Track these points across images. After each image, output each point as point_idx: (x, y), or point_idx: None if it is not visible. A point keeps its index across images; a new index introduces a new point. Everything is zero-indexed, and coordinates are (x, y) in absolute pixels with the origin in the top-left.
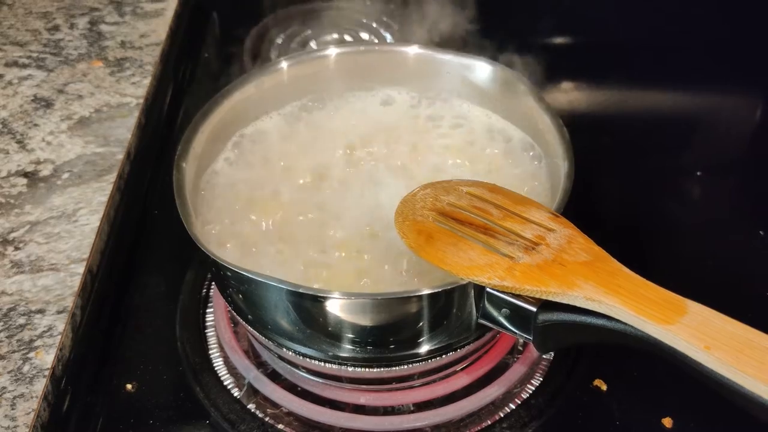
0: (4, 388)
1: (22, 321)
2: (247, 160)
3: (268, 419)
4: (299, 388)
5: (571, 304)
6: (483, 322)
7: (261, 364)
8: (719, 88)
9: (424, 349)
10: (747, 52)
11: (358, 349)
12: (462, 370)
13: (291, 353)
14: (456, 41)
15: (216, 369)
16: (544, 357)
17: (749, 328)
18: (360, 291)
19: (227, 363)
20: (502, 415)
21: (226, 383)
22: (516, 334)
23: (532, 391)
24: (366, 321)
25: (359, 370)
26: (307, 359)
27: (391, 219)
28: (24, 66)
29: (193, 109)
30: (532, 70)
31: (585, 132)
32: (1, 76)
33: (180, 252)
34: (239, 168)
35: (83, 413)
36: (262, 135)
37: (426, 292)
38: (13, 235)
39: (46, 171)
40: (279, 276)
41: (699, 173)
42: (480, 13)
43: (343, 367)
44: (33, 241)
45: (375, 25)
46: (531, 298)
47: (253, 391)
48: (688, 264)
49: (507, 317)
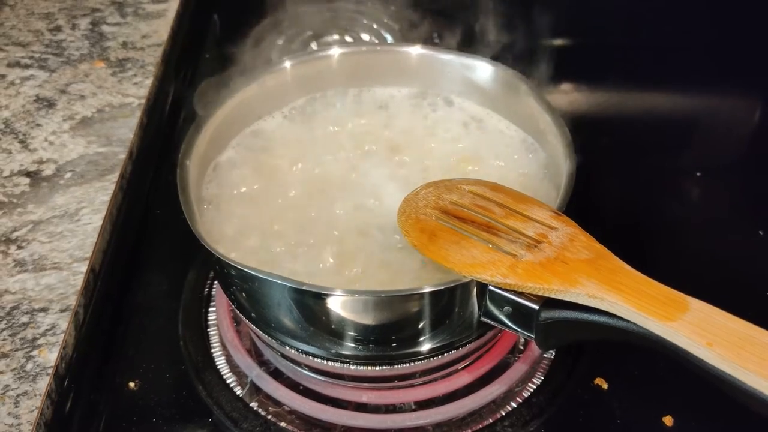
0: (8, 386)
1: (25, 319)
2: (250, 159)
3: (270, 417)
4: (301, 386)
5: (574, 301)
6: (485, 320)
7: (263, 363)
8: (719, 89)
9: (426, 347)
10: (746, 54)
11: (361, 347)
12: (463, 368)
13: (293, 351)
14: (458, 42)
15: (218, 367)
16: (545, 355)
17: (751, 324)
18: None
19: (230, 361)
20: (504, 413)
21: (228, 381)
22: (518, 332)
23: (533, 390)
24: (368, 318)
25: (361, 368)
26: (310, 357)
27: (394, 218)
28: (26, 66)
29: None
30: (533, 70)
31: (585, 132)
32: (3, 76)
33: (182, 250)
34: (242, 167)
35: (86, 411)
36: (265, 134)
37: (428, 289)
38: (16, 234)
39: (48, 171)
40: (281, 274)
41: (698, 173)
42: (481, 13)
43: (345, 365)
44: (36, 240)
45: (376, 26)
46: (533, 295)
47: (255, 390)
48: (687, 264)
49: (509, 315)
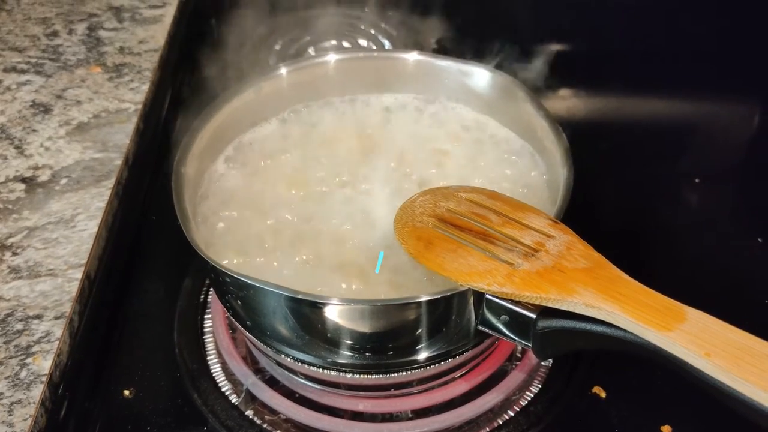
0: (2, 393)
1: (19, 326)
2: (246, 165)
3: (266, 426)
4: (297, 395)
5: (571, 310)
6: (482, 328)
7: (259, 371)
8: (717, 95)
9: (423, 355)
10: (744, 60)
11: (357, 355)
12: (461, 377)
13: (289, 359)
14: (455, 48)
15: (214, 375)
16: (543, 364)
17: (749, 335)
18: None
19: (225, 369)
20: (501, 422)
21: (224, 389)
22: (515, 340)
23: (530, 398)
24: (365, 327)
25: (357, 376)
26: (306, 365)
27: (390, 226)
28: (22, 71)
29: (191, 116)
30: (531, 77)
31: (583, 139)
32: None
33: (178, 258)
34: (238, 173)
35: (81, 419)
36: (261, 140)
37: (425, 298)
38: (11, 240)
39: (44, 176)
40: (277, 282)
41: (697, 180)
42: (479, 19)
43: (341, 373)
44: (31, 247)
45: (373, 32)
46: (530, 304)
47: (251, 398)
48: (686, 271)
49: (506, 324)
